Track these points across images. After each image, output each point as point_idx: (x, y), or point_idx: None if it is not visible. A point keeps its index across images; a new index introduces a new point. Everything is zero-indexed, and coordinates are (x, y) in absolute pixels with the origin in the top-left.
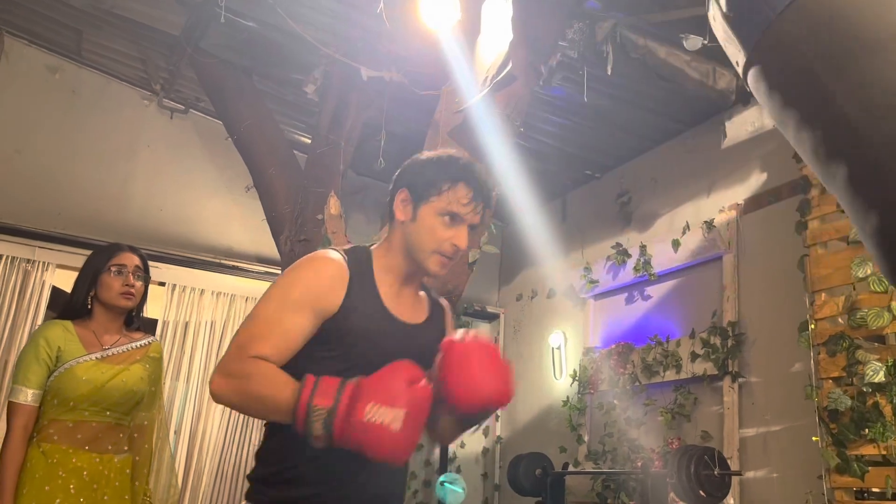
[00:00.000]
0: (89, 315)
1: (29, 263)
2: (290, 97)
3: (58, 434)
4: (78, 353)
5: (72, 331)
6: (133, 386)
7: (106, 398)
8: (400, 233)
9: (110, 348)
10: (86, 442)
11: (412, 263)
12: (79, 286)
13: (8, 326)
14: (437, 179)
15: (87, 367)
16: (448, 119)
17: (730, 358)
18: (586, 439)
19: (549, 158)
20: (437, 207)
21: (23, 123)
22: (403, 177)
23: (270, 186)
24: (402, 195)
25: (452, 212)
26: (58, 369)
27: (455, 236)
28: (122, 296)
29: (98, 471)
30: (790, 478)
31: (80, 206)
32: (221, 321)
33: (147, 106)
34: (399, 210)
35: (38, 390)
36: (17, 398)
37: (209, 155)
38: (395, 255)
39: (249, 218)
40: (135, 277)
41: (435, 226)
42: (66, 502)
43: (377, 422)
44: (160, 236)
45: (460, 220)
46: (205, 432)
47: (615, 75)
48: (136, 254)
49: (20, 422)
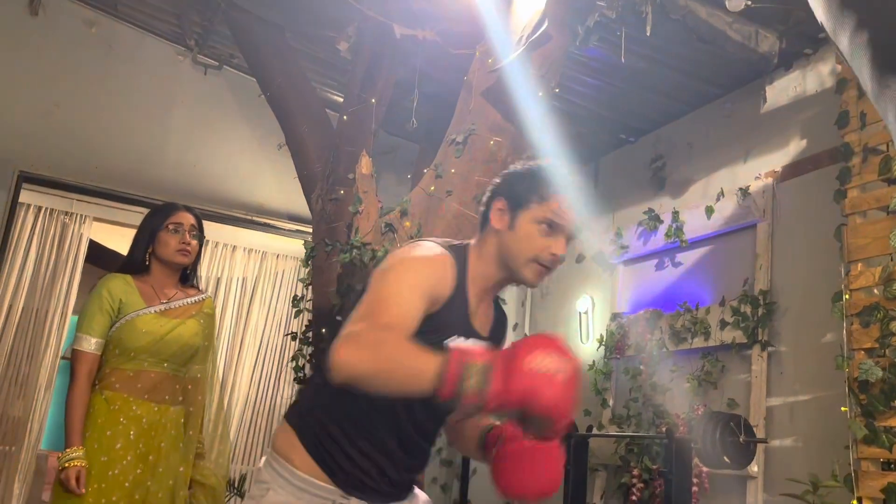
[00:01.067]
0: (147, 271)
1: (67, 216)
2: (323, 55)
3: (119, 383)
4: (138, 305)
5: (132, 284)
6: (189, 339)
7: (164, 350)
8: (494, 242)
9: (168, 302)
10: (145, 391)
11: (504, 272)
12: (138, 243)
13: (47, 278)
14: (537, 188)
15: (147, 320)
16: (482, 79)
17: (760, 326)
18: (611, 403)
19: (583, 121)
20: (536, 216)
21: (61, 77)
22: (501, 187)
23: (302, 144)
24: (500, 204)
25: (551, 220)
26: (119, 320)
27: (554, 245)
28: (178, 253)
29: (156, 419)
30: (816, 447)
31: (116, 160)
32: (252, 277)
33: (181, 62)
34: (496, 219)
35: (100, 339)
36: (81, 346)
37: (242, 112)
38: (486, 264)
39: (281, 175)
40: (190, 236)
41: (533, 234)
42: (126, 447)
43: (545, 369)
44: (194, 192)
45: (559, 230)
46: (234, 385)
47: (654, 36)
48: (192, 213)
49: (84, 368)
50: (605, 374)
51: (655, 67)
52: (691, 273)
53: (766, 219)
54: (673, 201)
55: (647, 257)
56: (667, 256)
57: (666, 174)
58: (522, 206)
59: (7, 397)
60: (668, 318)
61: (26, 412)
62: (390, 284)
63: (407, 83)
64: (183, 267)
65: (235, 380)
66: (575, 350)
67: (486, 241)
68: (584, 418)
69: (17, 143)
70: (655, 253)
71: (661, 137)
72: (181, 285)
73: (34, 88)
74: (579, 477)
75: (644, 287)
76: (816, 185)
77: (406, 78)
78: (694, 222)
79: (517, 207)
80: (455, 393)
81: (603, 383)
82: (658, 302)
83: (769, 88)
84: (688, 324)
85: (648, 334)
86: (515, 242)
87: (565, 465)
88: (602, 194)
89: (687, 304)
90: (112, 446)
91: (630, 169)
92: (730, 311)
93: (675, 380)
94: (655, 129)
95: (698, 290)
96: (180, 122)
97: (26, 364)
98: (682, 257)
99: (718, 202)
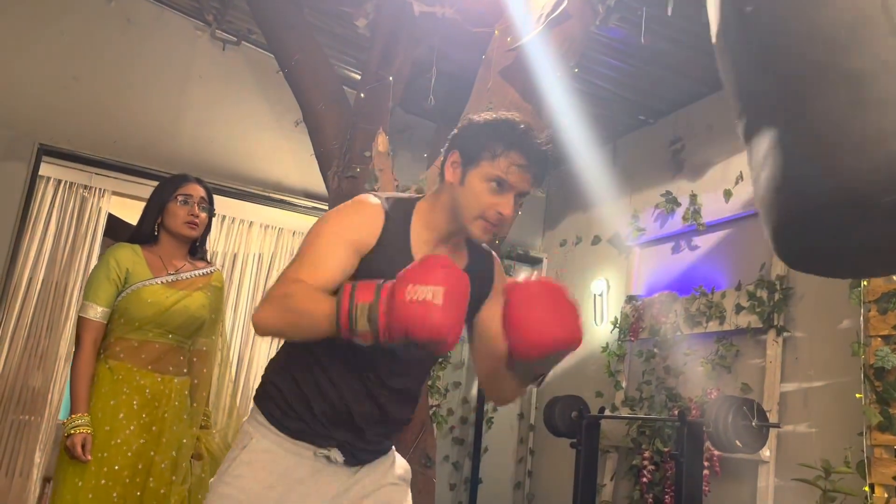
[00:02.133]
0: (156, 241)
1: (86, 190)
2: (341, 31)
3: (124, 352)
4: (145, 276)
5: (140, 254)
6: (195, 312)
7: (169, 321)
8: (448, 194)
9: (175, 274)
10: (149, 362)
11: (455, 224)
12: (147, 213)
13: (67, 251)
14: (490, 144)
15: (153, 291)
16: (500, 58)
17: (775, 311)
18: (624, 385)
19: (602, 101)
20: (486, 173)
21: (80, 51)
22: (457, 139)
23: (319, 122)
24: (454, 157)
25: (500, 178)
26: (126, 290)
27: (500, 203)
28: (186, 224)
29: (160, 390)
30: (829, 433)
31: (135, 134)
32: (269, 253)
33: (200, 37)
34: (449, 172)
35: (106, 308)
36: (86, 314)
37: (260, 88)
38: (438, 214)
39: (298, 152)
40: (199, 208)
41: (481, 191)
42: (129, 417)
43: (419, 298)
44: (211, 167)
45: (508, 188)
46: (251, 360)
47: (675, 16)
48: (202, 185)
49: (90, 336)
50: (619, 356)
51: (676, 48)
52: (708, 256)
53: None
54: (691, 184)
55: (664, 240)
56: (683, 239)
57: (685, 156)
58: (473, 162)
59: (27, 368)
60: (684, 302)
61: (46, 383)
62: (308, 241)
63: (425, 61)
64: (191, 239)
65: (252, 356)
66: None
67: (442, 192)
68: (597, 400)
69: (37, 116)
70: (672, 236)
71: (681, 119)
72: (190, 257)
73: (53, 62)
74: (590, 458)
75: (660, 270)
76: None
77: (424, 56)
78: (712, 205)
79: (468, 163)
80: (350, 333)
81: (616, 365)
82: (674, 285)
83: None
84: (703, 307)
85: (663, 317)
86: (464, 198)
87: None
88: (620, 176)
89: (703, 288)
90: (115, 416)
91: (648, 151)
92: (746, 296)
93: (688, 363)
94: (675, 110)
95: (714, 274)
96: (198, 98)
97: (46, 336)
98: (699, 241)
99: (737, 185)
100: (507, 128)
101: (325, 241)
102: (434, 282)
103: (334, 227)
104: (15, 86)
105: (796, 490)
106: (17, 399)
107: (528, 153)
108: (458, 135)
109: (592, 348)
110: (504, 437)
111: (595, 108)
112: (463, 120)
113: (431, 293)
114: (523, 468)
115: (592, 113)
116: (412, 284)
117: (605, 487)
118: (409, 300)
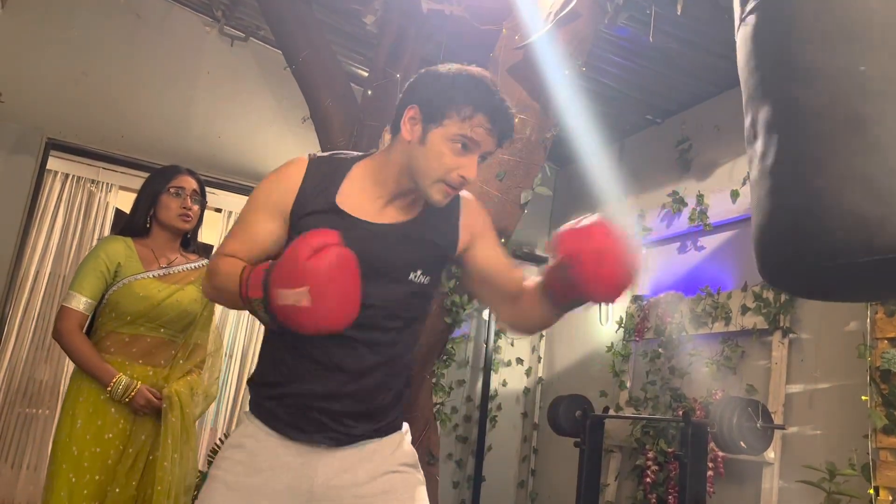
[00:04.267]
0: (148, 234)
1: (93, 184)
2: (349, 28)
3: (114, 346)
4: (136, 269)
5: (132, 247)
6: (187, 306)
7: (161, 315)
8: (401, 151)
9: (167, 267)
10: (140, 355)
11: (408, 183)
12: (139, 205)
13: (74, 245)
14: (455, 101)
15: (144, 284)
16: (508, 56)
17: (782, 313)
18: (628, 385)
19: (609, 101)
20: (451, 132)
21: (89, 46)
22: (416, 91)
23: (326, 118)
24: (412, 112)
25: (467, 137)
26: (116, 284)
27: (465, 166)
28: (179, 217)
29: (152, 383)
30: (834, 436)
31: (142, 129)
32: None
33: (208, 33)
34: (406, 128)
35: (91, 300)
36: (69, 303)
37: (268, 84)
38: (389, 171)
39: (305, 149)
40: (192, 201)
41: (444, 152)
42: (119, 411)
43: (288, 304)
44: (218, 163)
45: (474, 148)
46: (255, 354)
47: (684, 16)
48: (194, 177)
49: (71, 324)
50: (624, 356)
51: (685, 48)
52: (714, 257)
53: None
54: (698, 184)
55: (670, 240)
56: (690, 240)
57: (692, 156)
58: (436, 120)
59: (34, 361)
60: (689, 302)
61: (54, 376)
62: (240, 213)
63: (432, 58)
64: (184, 232)
65: (256, 349)
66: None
67: (394, 148)
68: (601, 399)
69: (45, 111)
70: (678, 236)
71: (688, 119)
72: (182, 250)
73: (63, 57)
74: (594, 457)
75: (666, 270)
76: None
77: (432, 53)
78: (718, 206)
79: (431, 121)
80: (257, 316)
81: (621, 365)
82: (679, 285)
83: None
84: (709, 308)
85: (668, 317)
86: (424, 159)
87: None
88: (626, 175)
89: (708, 289)
90: (107, 410)
91: (656, 150)
92: (752, 297)
93: (693, 364)
94: (682, 110)
95: (720, 275)
96: (206, 94)
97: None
98: (706, 241)
99: (744, 186)
100: (473, 84)
101: (246, 210)
102: (296, 283)
103: (255, 194)
104: (24, 80)
105: (801, 492)
106: (23, 392)
107: (496, 112)
108: (417, 87)
109: (597, 348)
110: (508, 435)
111: (602, 107)
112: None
113: (295, 297)
114: (527, 467)
115: (600, 112)
116: (277, 288)
117: (609, 487)
118: (280, 304)
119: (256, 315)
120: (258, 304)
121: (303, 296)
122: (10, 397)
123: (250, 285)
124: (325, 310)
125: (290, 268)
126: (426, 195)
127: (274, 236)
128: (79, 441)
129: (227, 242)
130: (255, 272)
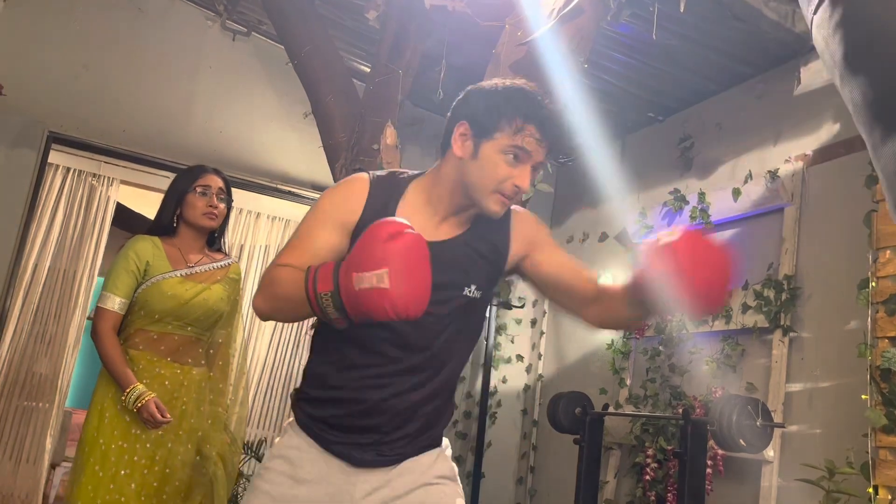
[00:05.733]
0: (174, 233)
1: (95, 178)
2: (351, 23)
3: (143, 343)
4: (164, 268)
5: (159, 247)
6: (214, 305)
7: (188, 314)
8: (453, 167)
9: (194, 266)
10: (168, 353)
11: (464, 199)
12: (166, 204)
13: (75, 238)
14: (505, 114)
15: (172, 284)
16: (510, 52)
17: (782, 311)
18: (628, 383)
19: (611, 98)
20: (503, 145)
21: (91, 39)
22: (465, 108)
23: (328, 113)
24: (462, 128)
25: (519, 148)
26: (145, 282)
27: (518, 176)
28: (205, 216)
29: (179, 381)
30: (834, 434)
31: (144, 124)
32: (276, 245)
33: (210, 27)
34: (457, 144)
35: (125, 299)
36: (105, 304)
37: (269, 79)
38: (442, 189)
39: (306, 144)
40: (218, 199)
41: (497, 163)
42: None
43: (365, 287)
44: (219, 158)
45: (526, 159)
46: (254, 351)
47: (687, 13)
48: (220, 177)
49: (107, 324)
50: (624, 353)
51: (687, 45)
52: None
53: (794, 203)
54: (699, 182)
55: None
56: None
57: (693, 154)
58: (488, 132)
59: (33, 354)
60: None
61: (53, 370)
62: (299, 224)
63: (434, 54)
64: (210, 230)
65: (256, 345)
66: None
67: (446, 166)
68: (601, 397)
69: (46, 104)
70: None
71: (691, 117)
72: (208, 249)
73: (64, 50)
74: (593, 455)
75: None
76: (848, 170)
77: (434, 49)
78: (720, 204)
79: (483, 135)
80: (326, 318)
81: (621, 363)
82: None
83: (804, 70)
84: None
85: (669, 315)
86: (478, 172)
87: (579, 442)
88: (628, 173)
89: None
90: None
91: (657, 148)
92: (753, 295)
93: (693, 362)
94: (685, 108)
95: None
96: (207, 88)
97: (53, 323)
98: None
99: (746, 184)
100: (521, 96)
101: (309, 222)
102: (374, 265)
103: (319, 207)
104: (25, 73)
105: (800, 490)
106: (21, 385)
107: (545, 123)
108: (466, 104)
109: (597, 345)
110: (507, 432)
111: (604, 104)
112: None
113: (375, 279)
114: (526, 464)
115: (602, 109)
116: (355, 272)
117: (608, 484)
118: (357, 290)
119: (323, 314)
120: (327, 298)
121: (382, 278)
122: (8, 390)
123: (318, 279)
124: (402, 293)
125: (368, 251)
126: (483, 207)
127: (335, 250)
128: (106, 435)
129: (284, 254)
130: (324, 267)
